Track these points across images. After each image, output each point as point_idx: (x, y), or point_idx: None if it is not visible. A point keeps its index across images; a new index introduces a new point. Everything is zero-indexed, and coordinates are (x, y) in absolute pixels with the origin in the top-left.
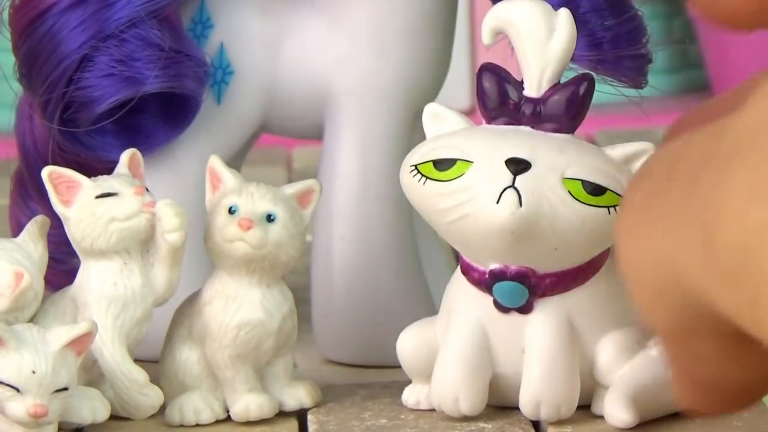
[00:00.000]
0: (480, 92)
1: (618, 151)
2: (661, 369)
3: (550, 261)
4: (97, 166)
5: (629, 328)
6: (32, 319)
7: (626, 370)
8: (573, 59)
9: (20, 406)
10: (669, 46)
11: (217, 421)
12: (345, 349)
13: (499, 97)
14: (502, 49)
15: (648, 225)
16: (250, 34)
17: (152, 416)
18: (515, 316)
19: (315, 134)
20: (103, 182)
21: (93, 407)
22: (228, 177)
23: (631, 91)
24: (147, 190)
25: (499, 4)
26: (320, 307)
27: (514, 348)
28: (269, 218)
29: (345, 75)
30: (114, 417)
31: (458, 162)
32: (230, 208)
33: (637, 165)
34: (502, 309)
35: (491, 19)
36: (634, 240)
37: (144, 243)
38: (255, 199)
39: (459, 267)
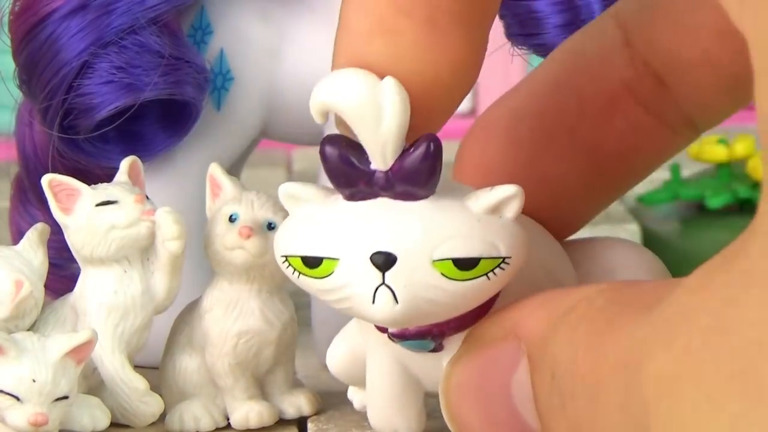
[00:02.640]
0: (327, 169)
1: (483, 202)
2: None
3: (447, 317)
4: (97, 172)
5: None
6: (32, 327)
7: None
8: None
9: (21, 415)
10: None
11: (217, 429)
12: None
13: (347, 175)
14: (503, 56)
15: None
16: (250, 40)
17: (152, 424)
18: (429, 354)
19: (315, 140)
20: (103, 190)
21: (93, 415)
22: (228, 185)
23: None
24: (147, 197)
25: (321, 82)
26: (320, 314)
27: (436, 375)
28: (269, 226)
29: None
30: (114, 425)
31: (325, 260)
32: (230, 216)
33: (507, 212)
34: (414, 351)
35: (316, 100)
36: None
37: (144, 251)
38: (255, 207)
39: None
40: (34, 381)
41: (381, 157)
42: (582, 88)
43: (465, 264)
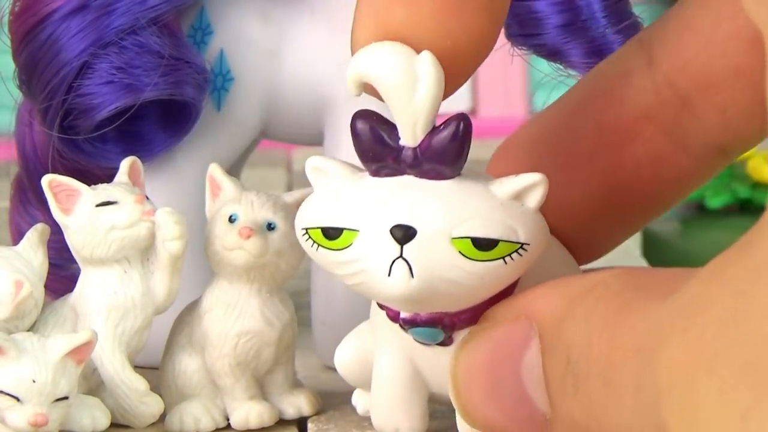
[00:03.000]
0: (356, 143)
1: (506, 187)
2: None
3: (459, 305)
4: (97, 172)
5: None
6: (32, 327)
7: None
8: (572, 66)
9: (21, 416)
10: None
11: (217, 430)
12: None
13: (376, 149)
14: (503, 56)
15: (608, 421)
16: (250, 40)
17: (152, 424)
18: (438, 347)
19: (315, 140)
20: (103, 190)
21: (93, 416)
22: (228, 185)
23: None
24: (147, 198)
25: (357, 54)
26: (320, 314)
27: (443, 372)
28: (269, 227)
29: (344, 81)
30: (114, 425)
31: (345, 231)
32: (230, 216)
33: (530, 200)
34: (423, 343)
35: (352, 72)
36: None
37: (144, 251)
38: (255, 208)
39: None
40: (34, 381)
41: (411, 131)
42: (602, 112)
43: (484, 244)
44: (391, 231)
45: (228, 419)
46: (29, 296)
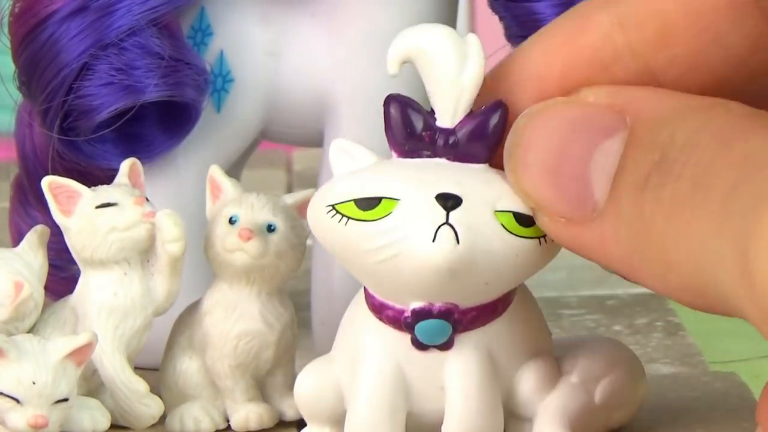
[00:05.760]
0: (390, 124)
1: None
2: (587, 396)
3: (477, 295)
4: (97, 173)
5: (545, 358)
6: (32, 329)
7: (553, 399)
8: None
9: (20, 417)
10: None
11: (217, 431)
12: None
13: (411, 129)
14: (503, 57)
15: (682, 221)
16: (250, 41)
17: (153, 426)
18: (434, 354)
19: (315, 141)
20: (103, 192)
21: (93, 417)
22: (228, 186)
23: None
24: (147, 199)
25: (404, 32)
26: (320, 315)
27: (432, 385)
28: (269, 228)
29: (345, 82)
30: (114, 427)
31: (384, 200)
32: (230, 218)
33: None
34: (421, 347)
35: (397, 49)
36: (667, 229)
37: (144, 253)
38: (255, 210)
39: (359, 305)
40: (34, 383)
41: (453, 109)
42: None
43: (524, 220)
44: (437, 198)
45: (228, 421)
46: (29, 298)
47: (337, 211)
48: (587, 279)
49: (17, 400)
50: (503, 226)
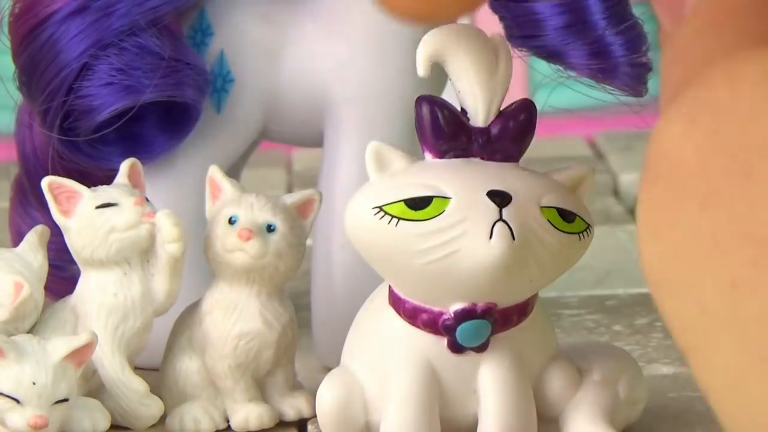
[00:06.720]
0: (423, 125)
1: (564, 176)
2: (612, 391)
3: (517, 294)
4: (97, 173)
5: (566, 360)
6: (32, 329)
7: (583, 398)
8: (572, 67)
9: (20, 418)
10: None
11: (217, 431)
12: None
13: (446, 130)
14: None
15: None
16: (251, 42)
17: (153, 426)
18: (469, 356)
19: (315, 142)
20: (103, 192)
21: (93, 418)
22: (228, 187)
23: (631, 98)
24: (147, 200)
25: (434, 32)
26: (320, 315)
27: (464, 388)
28: (269, 228)
29: (345, 83)
30: (114, 427)
31: (435, 199)
32: (230, 218)
33: (581, 191)
34: (457, 349)
35: (428, 48)
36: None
37: (144, 253)
38: (255, 210)
39: (379, 313)
40: (34, 384)
41: (486, 108)
42: None
43: (567, 216)
44: (489, 194)
45: (228, 421)
46: (29, 298)
47: (386, 213)
48: (587, 279)
49: (17, 401)
50: (549, 222)
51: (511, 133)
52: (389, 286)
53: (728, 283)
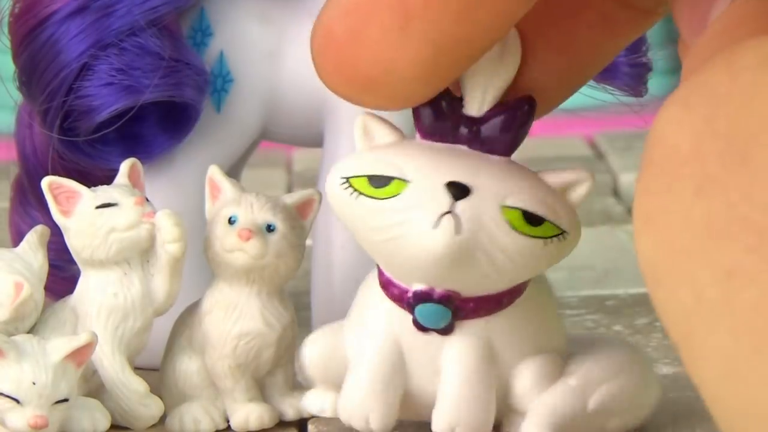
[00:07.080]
0: (416, 107)
1: (557, 178)
2: (581, 400)
3: (478, 286)
4: (97, 173)
5: (548, 356)
6: (32, 329)
7: (546, 398)
8: None
9: (20, 418)
10: (669, 48)
11: (217, 431)
12: None
13: (436, 113)
14: None
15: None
16: (250, 42)
17: (153, 426)
18: (433, 337)
19: (315, 142)
20: (103, 192)
21: (93, 418)
22: (227, 187)
23: (631, 98)
24: (147, 200)
25: None
26: (320, 316)
27: (429, 367)
28: (269, 228)
29: None
30: (114, 427)
31: (395, 180)
32: (230, 218)
33: (575, 195)
34: (421, 328)
35: None
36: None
37: (144, 253)
38: (255, 210)
39: (373, 278)
40: (34, 384)
41: (482, 96)
42: None
43: (532, 219)
44: (447, 185)
45: (228, 421)
46: (29, 298)
47: (350, 185)
48: (587, 279)
49: (17, 401)
50: (508, 223)
51: (500, 126)
52: None
53: (724, 271)
